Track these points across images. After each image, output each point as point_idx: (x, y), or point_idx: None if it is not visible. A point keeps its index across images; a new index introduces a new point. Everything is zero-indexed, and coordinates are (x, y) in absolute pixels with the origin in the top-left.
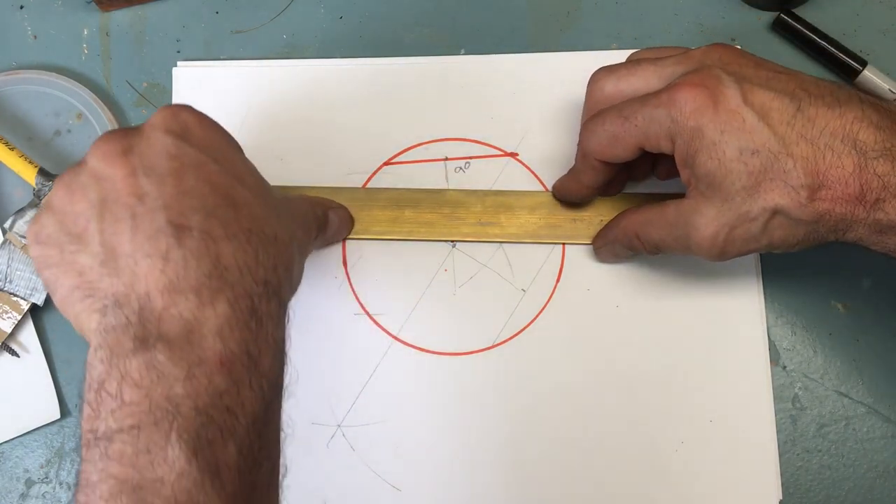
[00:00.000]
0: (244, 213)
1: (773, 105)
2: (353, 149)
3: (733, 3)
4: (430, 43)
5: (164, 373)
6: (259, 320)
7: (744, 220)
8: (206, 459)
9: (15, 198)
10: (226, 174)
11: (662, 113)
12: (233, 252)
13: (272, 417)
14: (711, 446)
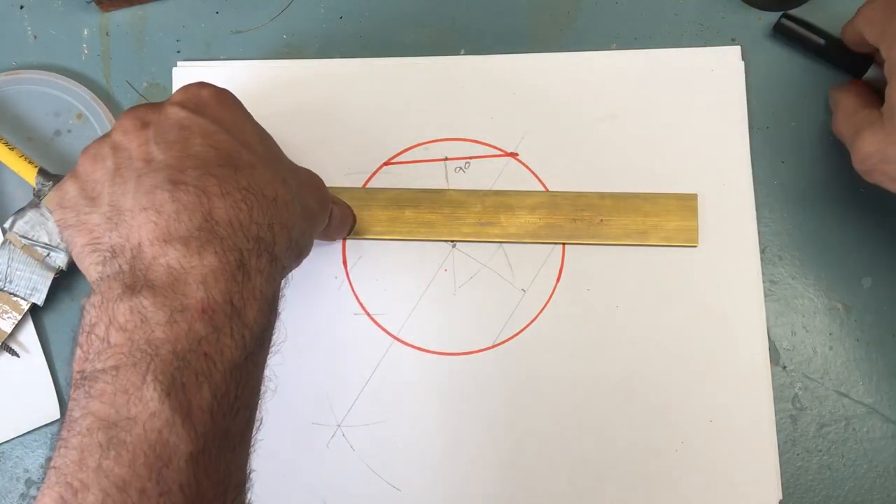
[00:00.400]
0: (244, 174)
1: None
2: (353, 149)
3: (733, 3)
4: (430, 43)
5: (147, 317)
6: (247, 273)
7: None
8: (178, 401)
9: (15, 198)
10: (233, 141)
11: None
12: (225, 207)
13: (252, 369)
14: (711, 446)
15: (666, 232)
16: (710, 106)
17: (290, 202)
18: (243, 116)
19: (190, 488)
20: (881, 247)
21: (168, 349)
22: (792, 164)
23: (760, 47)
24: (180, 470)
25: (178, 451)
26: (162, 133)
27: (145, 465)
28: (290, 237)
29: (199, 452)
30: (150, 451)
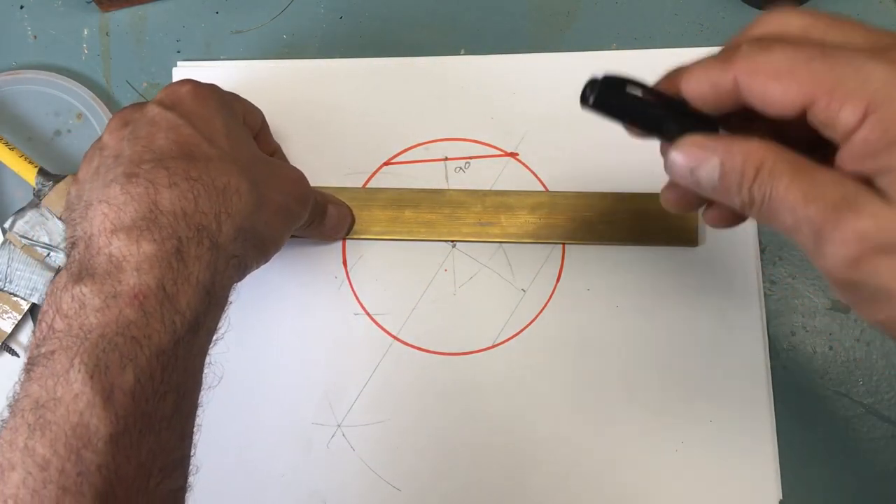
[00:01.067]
0: (197, 165)
1: None
2: (353, 149)
3: (733, 3)
4: (430, 43)
5: (85, 304)
6: (183, 260)
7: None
8: (101, 382)
9: (15, 198)
10: (196, 134)
11: (883, 70)
12: (171, 197)
13: (184, 354)
14: (711, 446)
15: (666, 232)
16: None
17: (245, 193)
18: (216, 110)
19: (108, 469)
20: None
21: (98, 333)
22: None
23: None
24: (98, 451)
25: (98, 432)
26: (135, 130)
27: (66, 446)
28: (241, 227)
29: (119, 434)
30: (72, 431)
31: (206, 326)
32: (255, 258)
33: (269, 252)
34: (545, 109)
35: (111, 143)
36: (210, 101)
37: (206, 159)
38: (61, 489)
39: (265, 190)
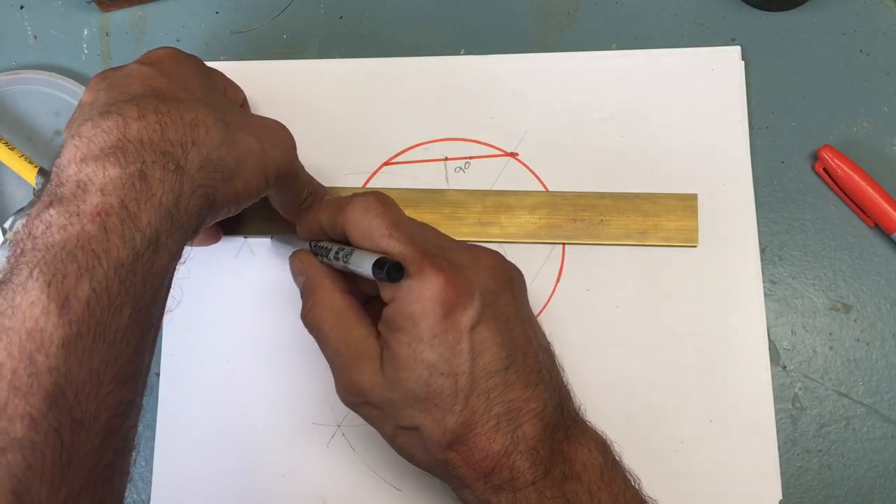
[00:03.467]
0: (167, 103)
1: (490, 350)
2: (353, 149)
3: (733, 3)
4: (430, 43)
5: (51, 224)
6: (147, 182)
7: (392, 409)
8: (57, 291)
9: (15, 198)
10: (170, 83)
11: (407, 271)
12: (138, 128)
13: (142, 271)
14: (711, 446)
15: (666, 232)
16: (710, 106)
17: (212, 126)
18: (192, 72)
19: (59, 372)
20: (881, 247)
21: (59, 247)
22: (792, 164)
23: (760, 47)
24: (50, 354)
25: (52, 337)
26: (112, 82)
27: (20, 349)
28: (208, 157)
29: (72, 339)
30: (27, 335)
31: (167, 247)
32: (225, 194)
33: (239, 190)
34: (545, 109)
35: (88, 97)
36: (188, 64)
37: (174, 99)
38: (12, 389)
39: (237, 129)
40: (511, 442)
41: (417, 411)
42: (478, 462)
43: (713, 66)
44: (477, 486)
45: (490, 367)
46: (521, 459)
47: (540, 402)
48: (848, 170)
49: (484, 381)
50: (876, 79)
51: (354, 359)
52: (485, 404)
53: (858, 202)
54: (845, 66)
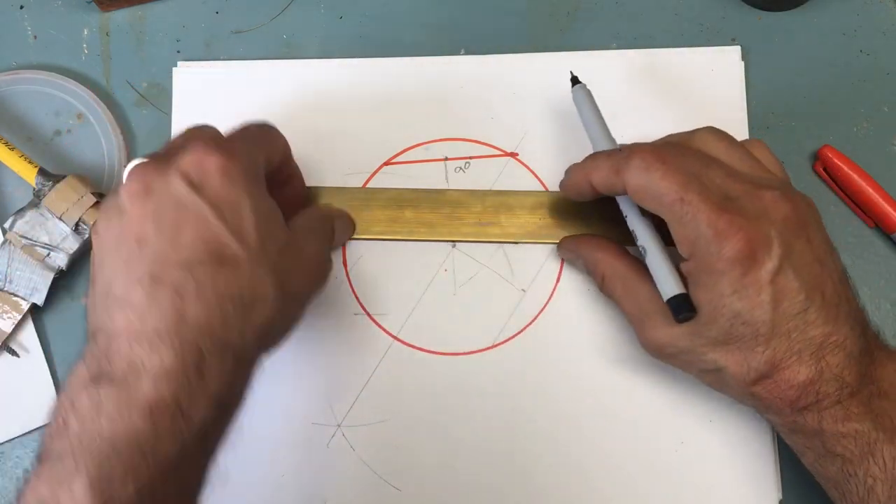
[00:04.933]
0: (226, 274)
1: (790, 296)
2: (353, 149)
3: (733, 3)
4: (430, 43)
5: (100, 408)
6: (202, 375)
7: (693, 356)
8: (102, 494)
9: (15, 198)
10: (225, 231)
11: (706, 234)
12: (197, 312)
13: (189, 464)
14: (711, 446)
15: (665, 231)
16: (710, 106)
17: (271, 300)
18: (244, 190)
19: None
20: (881, 247)
21: (108, 440)
22: (792, 164)
23: (760, 47)
24: None
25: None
26: (160, 210)
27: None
28: (264, 334)
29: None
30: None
31: (215, 434)
32: (273, 350)
33: (289, 334)
34: (545, 109)
35: (133, 217)
36: (238, 180)
37: (235, 266)
38: None
39: (290, 282)
40: (815, 373)
41: (720, 355)
42: (784, 392)
43: (713, 66)
44: (784, 412)
45: (789, 311)
46: (826, 386)
47: (841, 334)
48: (848, 170)
49: (784, 325)
50: (876, 79)
51: (647, 317)
52: (786, 344)
53: (858, 202)
54: (845, 66)
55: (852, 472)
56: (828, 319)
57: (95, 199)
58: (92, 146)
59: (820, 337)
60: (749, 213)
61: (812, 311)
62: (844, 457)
